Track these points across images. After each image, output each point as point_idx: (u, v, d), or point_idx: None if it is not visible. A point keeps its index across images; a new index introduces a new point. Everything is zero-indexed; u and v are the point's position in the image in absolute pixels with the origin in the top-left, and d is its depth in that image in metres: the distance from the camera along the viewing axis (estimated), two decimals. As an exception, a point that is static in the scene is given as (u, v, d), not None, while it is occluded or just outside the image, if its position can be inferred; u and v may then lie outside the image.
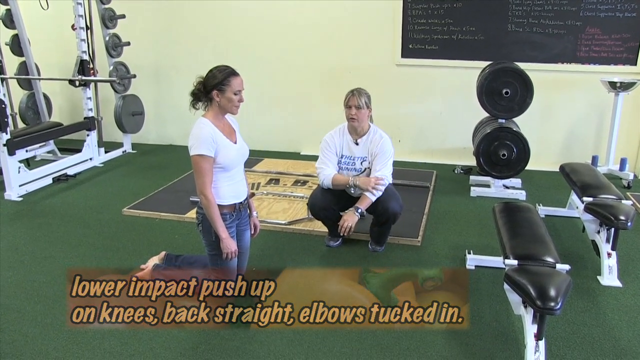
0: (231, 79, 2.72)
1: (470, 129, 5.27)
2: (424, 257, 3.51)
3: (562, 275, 2.38)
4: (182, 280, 2.98)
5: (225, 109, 2.77)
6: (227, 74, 2.72)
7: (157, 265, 3.09)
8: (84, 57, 5.41)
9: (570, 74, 5.31)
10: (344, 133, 3.48)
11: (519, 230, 2.85)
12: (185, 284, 2.98)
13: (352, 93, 3.35)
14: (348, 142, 3.46)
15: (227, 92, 2.72)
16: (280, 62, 5.98)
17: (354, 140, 3.45)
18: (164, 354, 2.50)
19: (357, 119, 3.34)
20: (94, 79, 5.59)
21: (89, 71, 5.48)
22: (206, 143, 2.68)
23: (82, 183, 5.06)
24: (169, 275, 3.03)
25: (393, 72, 5.72)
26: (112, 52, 5.80)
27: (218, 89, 2.71)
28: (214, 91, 2.71)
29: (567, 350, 2.54)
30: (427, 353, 2.51)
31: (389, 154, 3.41)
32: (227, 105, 2.75)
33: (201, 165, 2.68)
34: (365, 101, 3.33)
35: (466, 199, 4.65)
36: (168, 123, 6.54)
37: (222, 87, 2.71)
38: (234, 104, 2.76)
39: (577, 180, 3.67)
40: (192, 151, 2.69)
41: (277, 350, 2.53)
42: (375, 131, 3.45)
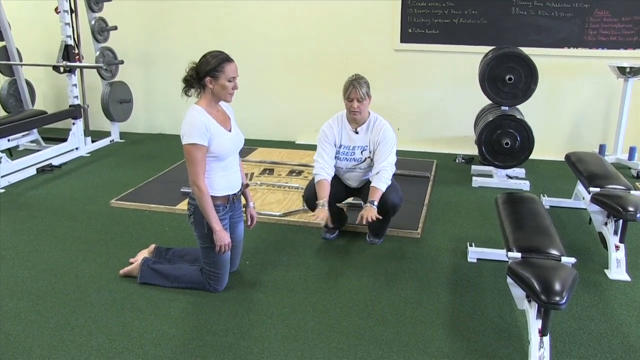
0: (225, 65, 2.69)
1: (472, 116, 5.26)
2: (423, 249, 3.50)
3: (568, 269, 2.37)
4: (173, 283, 2.98)
5: (219, 96, 2.75)
6: (220, 60, 2.69)
7: (146, 259, 3.08)
8: (68, 41, 5.35)
9: (576, 59, 5.29)
10: (343, 122, 3.45)
11: (522, 221, 2.84)
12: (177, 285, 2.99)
13: (352, 85, 3.27)
14: (347, 132, 3.43)
15: (220, 78, 2.69)
16: (275, 48, 5.94)
17: (354, 130, 3.42)
18: (154, 351, 2.49)
19: (359, 112, 3.32)
20: (80, 65, 5.55)
21: (74, 57, 5.43)
22: (199, 131, 2.65)
23: (68, 174, 5.03)
24: (159, 270, 3.01)
25: (392, 58, 5.69)
26: (98, 36, 5.75)
27: (211, 75, 2.68)
28: (207, 78, 2.69)
29: (573, 346, 2.54)
30: (428, 349, 2.51)
31: (392, 142, 3.39)
32: (221, 93, 2.73)
33: (194, 155, 2.66)
34: (366, 91, 3.28)
35: (468, 189, 4.64)
36: (158, 111, 6.50)
37: (216, 73, 2.68)
38: (228, 92, 2.73)
39: (583, 170, 3.66)
40: (185, 140, 2.67)
41: (272, 346, 2.52)
42: (375, 118, 3.42)
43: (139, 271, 3.03)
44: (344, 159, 3.45)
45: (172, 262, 3.14)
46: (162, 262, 3.10)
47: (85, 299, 2.90)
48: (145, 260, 3.06)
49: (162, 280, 3.00)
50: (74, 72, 5.50)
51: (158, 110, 6.50)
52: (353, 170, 3.47)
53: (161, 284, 3.00)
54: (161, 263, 3.09)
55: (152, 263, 3.05)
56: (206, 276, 2.92)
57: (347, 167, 3.47)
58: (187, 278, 2.97)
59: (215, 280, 2.91)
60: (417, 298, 2.94)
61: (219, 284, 2.92)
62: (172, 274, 3.00)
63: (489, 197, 4.33)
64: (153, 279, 3.01)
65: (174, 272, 3.00)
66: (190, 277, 2.97)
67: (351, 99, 3.29)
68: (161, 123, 6.55)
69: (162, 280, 3.00)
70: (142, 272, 3.02)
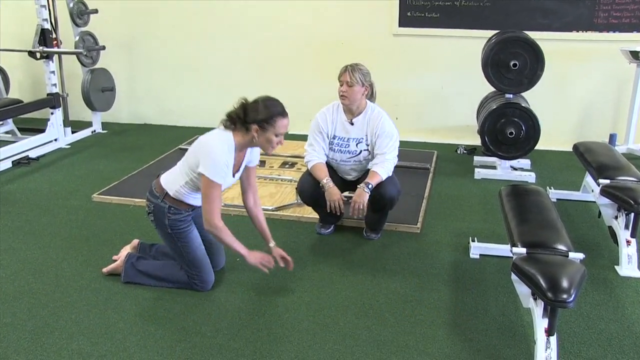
0: (277, 119, 2.69)
1: (475, 105, 5.25)
2: (423, 245, 3.51)
3: (576, 265, 2.38)
4: (159, 283, 2.98)
5: (259, 145, 2.76)
6: (274, 113, 2.68)
7: (130, 255, 3.07)
8: (45, 25, 5.31)
9: (586, 43, 5.29)
10: (338, 111, 3.45)
11: (527, 215, 2.85)
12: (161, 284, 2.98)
13: (346, 68, 3.32)
14: (342, 122, 3.43)
15: (268, 131, 2.69)
16: (266, 32, 5.91)
17: (349, 120, 3.41)
18: (139, 353, 2.48)
19: (347, 97, 3.31)
20: (58, 51, 5.50)
21: (52, 42, 5.39)
22: (221, 171, 2.66)
23: (46, 166, 5.00)
24: (144, 270, 2.99)
25: (390, 43, 5.67)
26: (77, 20, 5.70)
27: (260, 125, 2.67)
28: (255, 125, 2.68)
29: (581, 347, 2.54)
30: (428, 350, 2.51)
31: (393, 136, 3.38)
32: (263, 144, 2.74)
33: (211, 191, 2.66)
34: (359, 78, 3.28)
35: (470, 181, 4.65)
36: (142, 100, 6.47)
37: (265, 125, 2.68)
38: (271, 145, 2.74)
39: (592, 161, 3.66)
40: (204, 171, 2.64)
41: (264, 347, 2.52)
42: (372, 109, 3.41)
43: (123, 269, 3.02)
44: (339, 151, 3.44)
45: (157, 258, 3.13)
46: (146, 258, 3.09)
47: (65, 300, 2.89)
48: (129, 257, 3.05)
49: (146, 279, 2.99)
50: (52, 58, 5.45)
51: (143, 99, 6.46)
52: (348, 162, 3.47)
53: (145, 283, 2.99)
54: (145, 259, 3.08)
55: (136, 260, 3.03)
56: (188, 275, 2.92)
57: (342, 160, 3.46)
58: (173, 278, 2.97)
59: (198, 280, 2.91)
60: (417, 296, 2.94)
61: (203, 282, 2.92)
62: (157, 275, 2.99)
63: (492, 190, 4.34)
64: (137, 278, 3.00)
65: (159, 274, 2.99)
66: (176, 278, 2.96)
67: (341, 81, 3.31)
68: (146, 112, 6.51)
69: (145, 280, 3.00)
70: (125, 271, 3.01)
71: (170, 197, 2.82)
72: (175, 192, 2.81)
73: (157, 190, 2.87)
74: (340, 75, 3.34)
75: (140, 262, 3.04)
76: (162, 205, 2.82)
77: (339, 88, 3.33)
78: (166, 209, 2.82)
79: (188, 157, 2.80)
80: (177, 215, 2.83)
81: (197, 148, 2.73)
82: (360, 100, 3.36)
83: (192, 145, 2.81)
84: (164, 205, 2.82)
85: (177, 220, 2.84)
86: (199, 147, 2.72)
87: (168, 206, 2.82)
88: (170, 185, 2.83)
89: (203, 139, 2.75)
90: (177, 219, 2.84)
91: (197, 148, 2.74)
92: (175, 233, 2.85)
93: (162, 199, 2.83)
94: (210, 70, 6.15)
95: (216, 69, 6.13)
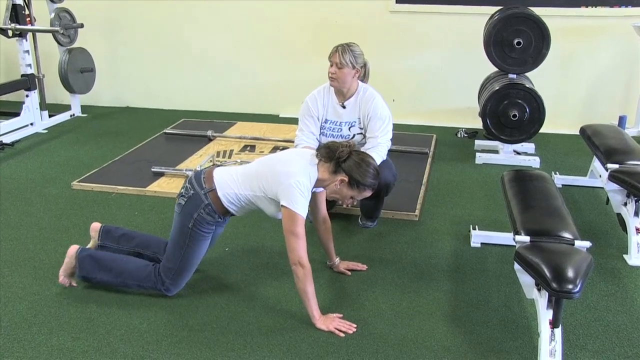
0: (367, 190, 2.69)
1: (476, 86, 5.25)
2: (422, 233, 3.52)
3: (582, 254, 2.39)
4: (117, 278, 2.84)
5: (331, 191, 2.71)
6: (369, 184, 2.66)
7: (82, 248, 2.92)
8: (17, 1, 5.24)
9: (595, 19, 5.27)
10: (329, 94, 3.44)
11: (531, 202, 2.85)
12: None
13: (337, 49, 3.30)
14: (334, 105, 3.42)
15: (351, 190, 2.67)
16: (255, 11, 5.86)
17: (340, 104, 3.41)
18: (123, 348, 2.48)
19: (336, 79, 3.30)
20: (31, 28, 5.45)
21: (25, 18, 5.33)
22: (306, 205, 2.61)
23: (22, 152, 4.97)
24: (101, 259, 2.86)
25: (386, 21, 5.65)
26: (53, -4, 5.65)
27: (350, 182, 2.64)
28: (345, 177, 2.63)
29: (587, 339, 2.56)
30: (427, 343, 2.53)
31: (386, 118, 3.38)
32: (334, 193, 2.71)
33: (299, 228, 2.57)
34: (349, 60, 3.26)
35: (471, 166, 4.65)
36: (124, 81, 6.42)
37: (356, 186, 2.65)
38: (338, 198, 2.74)
39: (600, 145, 3.67)
40: (291, 205, 2.56)
41: (255, 341, 2.53)
42: (365, 90, 3.41)
43: (76, 262, 2.85)
44: (330, 136, 3.44)
45: (121, 244, 2.99)
46: (109, 246, 2.97)
47: (44, 293, 2.89)
48: (81, 249, 2.90)
49: (105, 273, 2.84)
50: (26, 37, 5.40)
51: (125, 80, 6.42)
52: None
53: (103, 280, 2.85)
54: (107, 247, 2.97)
55: (93, 251, 2.91)
56: (163, 274, 2.79)
57: None
58: (136, 274, 2.83)
59: (172, 280, 2.79)
60: (415, 287, 2.95)
61: (175, 285, 2.81)
62: (118, 266, 2.85)
63: (494, 175, 4.34)
64: (94, 272, 2.84)
65: (120, 265, 2.85)
66: (139, 275, 2.82)
67: (331, 62, 3.30)
68: (129, 95, 6.47)
69: (104, 274, 2.84)
70: (80, 263, 2.85)
71: (215, 195, 2.70)
72: (224, 194, 2.70)
73: (206, 180, 2.73)
74: (330, 55, 3.31)
75: (98, 252, 2.92)
76: (202, 198, 2.70)
77: (329, 69, 3.31)
78: (204, 204, 2.70)
79: (262, 174, 2.69)
80: (209, 217, 2.72)
81: (281, 177, 2.60)
82: (351, 83, 3.35)
83: (271, 165, 2.70)
84: (205, 199, 2.69)
85: (206, 221, 2.73)
86: (284, 177, 2.59)
87: (207, 202, 2.70)
88: (223, 185, 2.71)
89: (288, 168, 2.63)
90: (207, 220, 2.72)
91: (280, 175, 2.61)
92: (193, 232, 2.73)
93: (207, 193, 2.70)
94: (197, 50, 6.11)
95: (203, 49, 6.09)
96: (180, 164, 4.56)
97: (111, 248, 2.99)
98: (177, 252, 2.78)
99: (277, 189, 2.60)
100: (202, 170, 2.82)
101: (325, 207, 2.97)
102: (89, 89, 6.12)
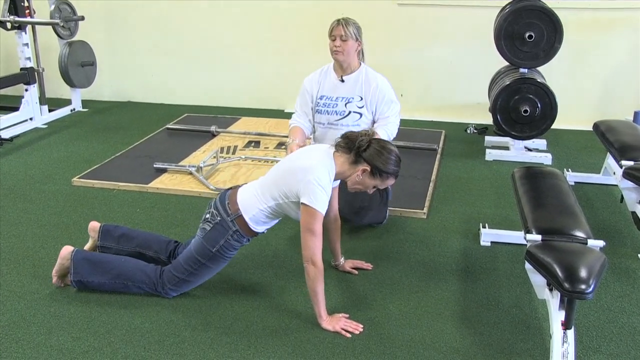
0: (390, 178, 2.65)
1: (486, 80, 5.23)
2: (430, 231, 3.51)
3: (595, 253, 2.38)
4: (115, 280, 2.82)
5: (353, 181, 2.67)
6: (391, 172, 2.63)
7: (77, 250, 2.87)
8: (16, -8, 5.27)
9: (609, 11, 5.25)
10: (328, 72, 3.45)
11: (543, 199, 2.84)
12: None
13: (338, 22, 3.29)
14: (332, 80, 3.41)
15: (374, 179, 2.63)
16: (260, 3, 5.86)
17: (339, 77, 3.39)
18: (124, 349, 2.49)
19: (341, 52, 3.28)
20: (31, 21, 5.46)
21: (23, 10, 5.34)
22: (326, 202, 2.58)
23: (21, 148, 4.98)
24: (97, 261, 2.84)
25: (394, 14, 5.64)
26: (53, -12, 5.66)
27: (373, 171, 2.61)
28: (367, 166, 2.60)
29: (601, 341, 2.55)
30: (435, 344, 2.52)
31: (393, 99, 3.37)
32: (356, 183, 2.67)
33: (318, 226, 2.55)
34: (353, 32, 3.28)
35: (480, 163, 4.64)
36: (126, 75, 6.44)
37: (377, 174, 2.61)
38: (360, 188, 2.69)
39: (614, 141, 3.65)
40: (312, 203, 2.52)
41: (259, 342, 2.53)
42: (367, 70, 3.39)
43: (71, 265, 2.81)
44: (325, 112, 3.40)
45: (121, 244, 2.98)
46: (109, 247, 2.96)
47: (43, 292, 2.89)
48: (76, 251, 2.85)
49: (102, 276, 2.80)
50: (25, 29, 5.41)
51: (126, 74, 6.43)
52: (336, 126, 3.38)
53: (100, 283, 2.81)
54: (107, 247, 2.95)
55: (89, 253, 2.89)
56: (167, 279, 2.77)
57: (330, 122, 3.40)
58: (135, 276, 2.80)
59: (175, 286, 2.79)
60: (423, 286, 2.95)
61: (177, 291, 2.81)
62: (115, 267, 2.81)
63: (504, 172, 4.33)
64: (90, 275, 2.81)
65: (118, 266, 2.82)
66: (138, 277, 2.80)
67: (334, 36, 3.28)
68: (130, 89, 6.48)
69: (101, 277, 2.80)
70: (75, 267, 2.80)
71: (242, 221, 2.67)
72: (252, 217, 2.67)
73: (230, 206, 2.69)
74: (332, 29, 3.29)
75: (95, 254, 2.90)
76: (230, 226, 2.67)
77: (332, 43, 3.30)
78: (232, 231, 2.67)
79: (279, 178, 2.67)
80: (236, 243, 2.71)
81: (298, 174, 2.58)
82: (353, 57, 3.34)
83: (287, 167, 2.68)
84: (232, 226, 2.67)
85: (232, 247, 2.72)
86: (302, 174, 2.56)
87: (235, 230, 2.67)
88: (248, 208, 2.68)
89: (305, 163, 2.61)
90: (233, 246, 2.72)
91: (297, 173, 2.59)
92: (215, 256, 2.71)
93: (233, 220, 2.68)
94: (201, 44, 6.11)
95: (207, 42, 6.09)
96: (183, 160, 4.57)
97: (112, 249, 2.98)
98: (189, 266, 2.75)
99: (297, 187, 2.57)
100: (226, 194, 2.77)
101: (337, 204, 2.96)
102: (90, 83, 6.13)
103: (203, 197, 3.96)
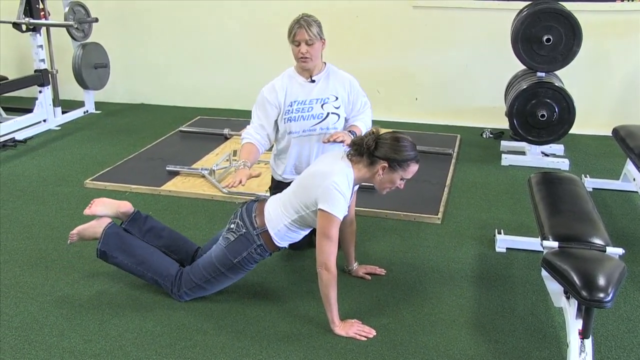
0: (411, 165, 2.62)
1: (503, 84, 5.21)
2: (444, 237, 3.50)
3: (614, 261, 2.36)
4: (138, 267, 2.84)
5: (377, 183, 2.67)
6: (410, 157, 2.61)
7: (113, 223, 2.92)
8: (31, -6, 5.32)
9: (630, 14, 5.21)
10: (292, 75, 3.20)
11: (560, 205, 2.83)
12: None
13: (299, 24, 3.00)
14: (300, 83, 3.14)
15: (397, 172, 2.61)
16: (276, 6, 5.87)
17: (308, 79, 3.16)
18: (136, 352, 2.50)
19: (310, 57, 3.03)
20: (45, 23, 5.51)
21: (39, 13, 5.39)
22: (345, 207, 2.59)
23: (35, 150, 5.03)
24: (128, 242, 2.86)
25: (409, 16, 5.62)
26: (68, -10, 5.71)
27: (390, 164, 2.60)
28: (384, 163, 2.59)
29: (620, 352, 2.53)
30: (449, 351, 2.51)
31: (364, 93, 3.24)
32: (383, 184, 2.66)
33: (334, 232, 2.55)
34: (316, 32, 3.03)
35: (496, 168, 4.62)
36: (139, 77, 6.47)
37: (397, 166, 2.60)
38: (390, 187, 2.67)
39: (635, 146, 3.63)
40: (330, 208, 2.53)
41: (271, 347, 2.53)
42: (332, 68, 3.21)
43: (102, 235, 2.85)
44: (299, 118, 3.10)
45: (146, 239, 2.97)
46: (134, 234, 2.96)
47: (55, 294, 2.92)
48: (112, 224, 2.90)
49: (126, 257, 2.83)
50: (39, 31, 5.46)
51: (139, 76, 6.47)
52: (313, 131, 3.12)
53: (122, 262, 2.84)
54: (133, 234, 2.95)
55: (122, 231, 2.91)
56: (184, 282, 2.79)
57: (305, 129, 3.11)
58: (157, 269, 2.82)
59: (191, 291, 2.81)
60: (437, 292, 2.94)
61: (191, 296, 2.83)
62: (141, 254, 2.84)
63: (520, 178, 4.31)
64: (116, 251, 2.83)
65: (145, 254, 2.84)
66: (160, 271, 2.82)
67: (297, 42, 3.01)
68: (143, 91, 6.52)
69: (125, 257, 2.83)
70: (105, 237, 2.84)
71: (267, 235, 2.70)
72: (277, 232, 2.70)
73: (257, 219, 2.72)
74: (293, 34, 3.01)
75: (128, 235, 2.91)
76: (255, 239, 2.70)
77: (296, 49, 3.03)
78: (256, 245, 2.70)
79: (298, 187, 2.70)
80: (258, 257, 2.73)
81: (316, 180, 2.60)
82: (319, 58, 3.13)
83: (307, 177, 2.70)
84: (257, 240, 2.70)
85: (254, 260, 2.75)
86: (320, 180, 2.58)
87: (259, 244, 2.70)
88: (273, 223, 2.70)
89: (324, 169, 2.63)
90: (255, 259, 2.74)
91: (315, 179, 2.61)
92: (235, 267, 2.73)
93: (259, 234, 2.70)
94: (214, 46, 6.14)
95: (220, 45, 6.11)
96: (196, 163, 4.59)
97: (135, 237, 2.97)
98: (208, 274, 2.77)
99: (315, 193, 2.57)
100: (253, 205, 2.78)
101: (354, 208, 2.95)
102: (103, 85, 6.17)
103: (215, 201, 3.98)
